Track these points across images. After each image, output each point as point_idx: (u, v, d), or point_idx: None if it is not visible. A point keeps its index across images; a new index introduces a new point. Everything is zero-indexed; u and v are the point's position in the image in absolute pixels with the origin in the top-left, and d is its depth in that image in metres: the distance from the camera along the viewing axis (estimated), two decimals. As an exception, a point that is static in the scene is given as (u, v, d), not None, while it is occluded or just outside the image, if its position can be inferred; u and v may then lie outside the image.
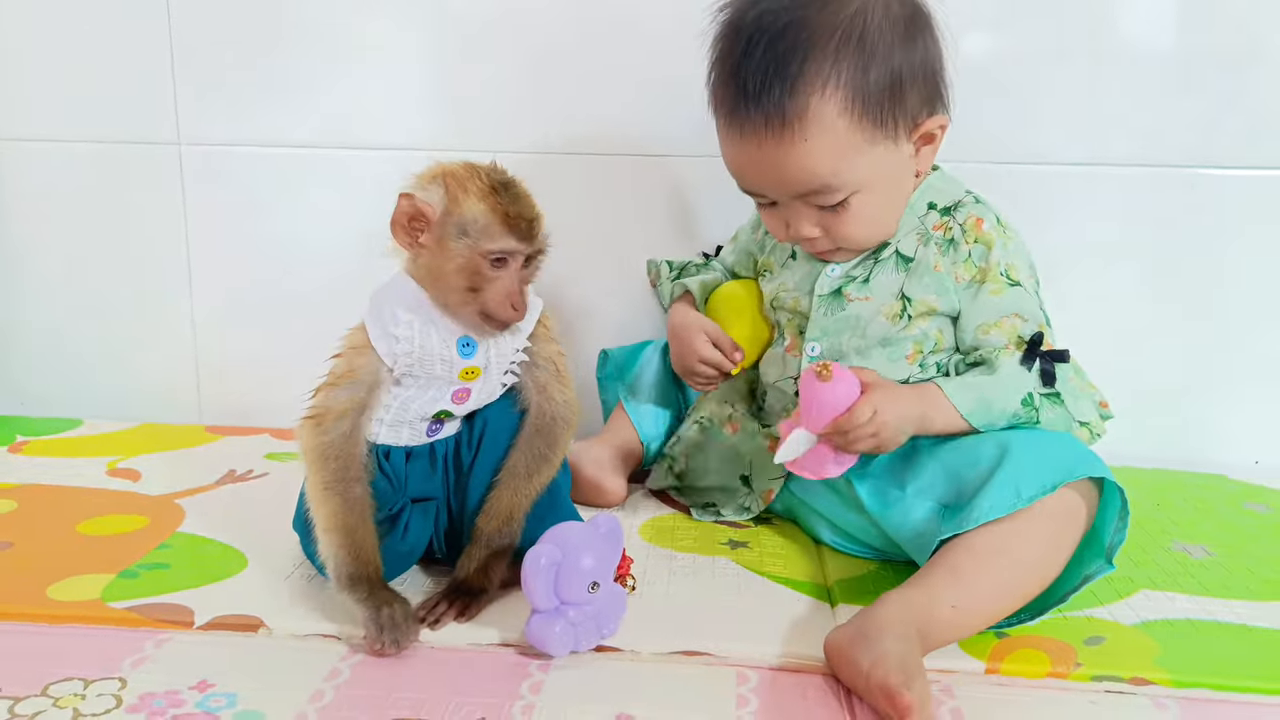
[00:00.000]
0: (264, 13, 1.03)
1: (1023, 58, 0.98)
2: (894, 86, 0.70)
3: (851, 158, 0.71)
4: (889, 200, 0.76)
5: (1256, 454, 1.02)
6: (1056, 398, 0.71)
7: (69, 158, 1.09)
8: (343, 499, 0.64)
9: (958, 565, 0.63)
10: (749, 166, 0.74)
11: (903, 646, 0.57)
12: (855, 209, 0.73)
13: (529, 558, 0.61)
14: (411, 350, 0.65)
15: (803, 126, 0.69)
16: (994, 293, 0.74)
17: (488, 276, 0.64)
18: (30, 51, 1.07)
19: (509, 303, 0.65)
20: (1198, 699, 0.59)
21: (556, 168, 1.03)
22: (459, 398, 0.68)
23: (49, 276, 1.12)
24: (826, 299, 0.79)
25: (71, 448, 1.01)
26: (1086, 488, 0.66)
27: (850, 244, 0.77)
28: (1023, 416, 0.71)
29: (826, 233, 0.75)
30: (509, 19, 1.01)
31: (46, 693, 0.57)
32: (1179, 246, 1.00)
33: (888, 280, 0.77)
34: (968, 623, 0.62)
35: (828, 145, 0.70)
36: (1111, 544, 0.66)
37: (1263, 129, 0.97)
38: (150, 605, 0.67)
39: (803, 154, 0.70)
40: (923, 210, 0.78)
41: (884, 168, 0.73)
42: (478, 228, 0.64)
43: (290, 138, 1.06)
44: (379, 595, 0.63)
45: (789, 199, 0.74)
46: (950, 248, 0.76)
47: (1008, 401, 0.71)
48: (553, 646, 0.61)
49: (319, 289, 1.06)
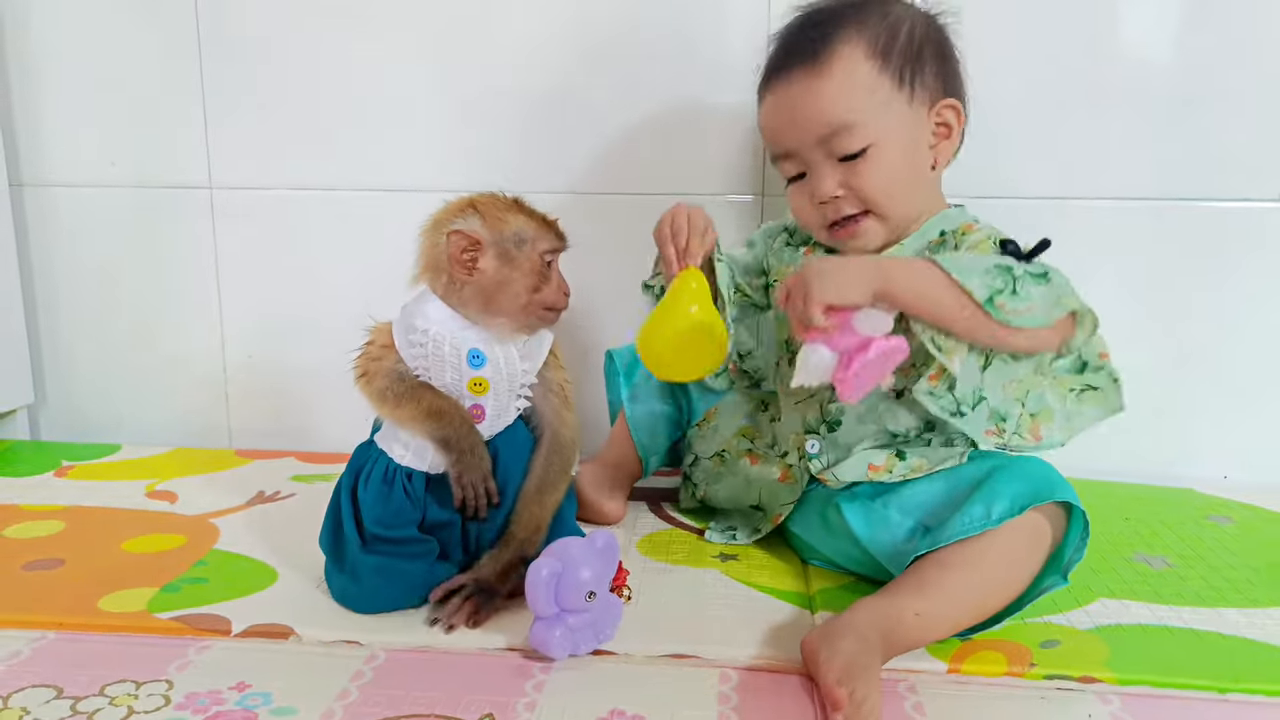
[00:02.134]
0: (289, 65, 1.11)
1: (996, 99, 1.04)
2: (916, 53, 0.79)
3: (872, 101, 0.77)
4: (907, 170, 0.80)
5: (1226, 469, 1.08)
6: (1042, 277, 0.69)
7: (109, 201, 1.17)
8: (414, 401, 0.73)
9: (925, 577, 0.68)
10: (782, 114, 0.81)
11: (857, 647, 0.62)
12: (873, 161, 0.78)
13: (532, 569, 0.67)
14: (425, 355, 0.73)
15: (829, 63, 0.78)
16: (980, 251, 0.75)
17: (546, 275, 0.75)
18: (72, 102, 1.15)
19: (563, 292, 0.76)
20: (1141, 695, 0.65)
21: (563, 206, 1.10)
22: (475, 417, 0.75)
23: (90, 312, 1.20)
24: None
25: (112, 472, 1.08)
26: (1054, 511, 0.71)
27: (873, 202, 0.79)
28: (1001, 280, 0.67)
29: (848, 189, 0.79)
30: (518, 70, 1.09)
31: (103, 693, 0.63)
32: (1146, 274, 1.06)
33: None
34: (931, 629, 0.67)
35: (853, 83, 0.77)
36: (1070, 561, 0.72)
37: (1223, 164, 1.02)
38: (192, 615, 0.73)
39: (827, 86, 0.78)
40: (934, 236, 0.82)
41: (902, 129, 0.79)
42: (531, 235, 0.75)
43: (314, 181, 1.14)
44: (465, 459, 0.73)
45: (815, 150, 0.79)
46: (941, 249, 0.80)
47: (979, 260, 0.69)
48: (553, 650, 0.67)
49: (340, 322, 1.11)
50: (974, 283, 0.67)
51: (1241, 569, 0.84)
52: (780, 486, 0.86)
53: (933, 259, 0.68)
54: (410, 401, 0.74)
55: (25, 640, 0.70)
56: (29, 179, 1.18)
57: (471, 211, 0.74)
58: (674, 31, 1.05)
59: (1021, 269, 0.68)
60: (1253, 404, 1.06)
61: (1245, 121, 1.01)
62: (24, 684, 0.64)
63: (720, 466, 0.93)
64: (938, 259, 0.68)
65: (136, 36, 1.13)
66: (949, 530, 0.69)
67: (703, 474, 0.95)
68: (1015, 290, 0.67)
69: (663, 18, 1.06)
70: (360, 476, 0.76)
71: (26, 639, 0.70)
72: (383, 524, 0.74)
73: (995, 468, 0.73)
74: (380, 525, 0.74)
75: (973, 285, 0.66)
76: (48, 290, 1.20)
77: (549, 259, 0.76)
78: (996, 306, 0.67)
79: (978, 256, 0.71)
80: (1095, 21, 1.02)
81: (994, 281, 0.67)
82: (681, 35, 1.05)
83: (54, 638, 0.71)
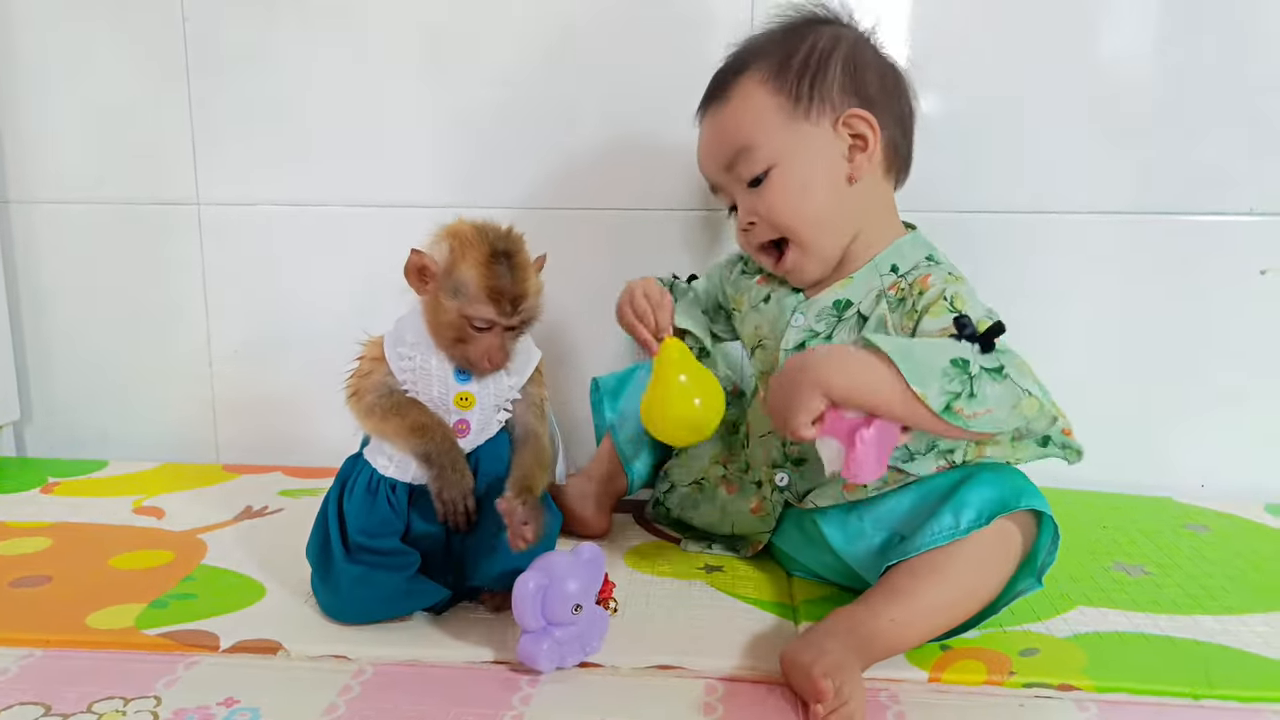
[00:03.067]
0: (277, 82, 1.12)
1: (973, 113, 1.06)
2: (817, 67, 0.80)
3: (767, 123, 0.80)
4: (812, 187, 0.80)
5: (1203, 478, 1.09)
6: (998, 372, 0.66)
7: (96, 217, 1.17)
8: (400, 416, 0.74)
9: (898, 585, 0.70)
10: (700, 148, 0.86)
11: (841, 649, 0.64)
12: (776, 182, 0.80)
13: (519, 583, 0.68)
14: (414, 368, 0.74)
15: (729, 95, 0.82)
16: (933, 315, 0.74)
17: (472, 335, 0.72)
18: (58, 119, 1.16)
19: (485, 359, 0.72)
20: (1117, 702, 0.66)
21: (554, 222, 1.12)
22: (460, 431, 0.76)
23: (77, 328, 1.20)
24: (792, 352, 0.83)
25: (100, 488, 1.09)
26: (1024, 518, 0.71)
27: (782, 226, 0.80)
28: (957, 382, 0.65)
29: (758, 215, 0.82)
30: (506, 87, 1.10)
31: (91, 710, 0.63)
32: (1123, 286, 1.07)
33: (847, 337, 0.81)
34: (906, 636, 0.68)
35: (747, 108, 0.81)
36: (1043, 565, 0.73)
37: (1198, 178, 1.04)
38: (180, 631, 0.73)
39: (727, 117, 0.82)
40: (885, 270, 0.81)
41: (802, 146, 0.79)
42: (467, 293, 0.71)
43: (301, 197, 1.14)
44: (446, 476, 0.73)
45: (724, 177, 0.83)
46: (900, 305, 0.78)
47: (936, 355, 0.66)
48: (540, 663, 0.68)
49: (328, 338, 1.12)
50: (931, 390, 0.65)
51: (1217, 577, 0.86)
52: (753, 519, 0.87)
53: (889, 355, 0.65)
54: (395, 416, 0.74)
55: (13, 658, 0.70)
56: (15, 196, 1.18)
57: (449, 240, 0.73)
58: (662, 47, 1.07)
59: (978, 365, 0.66)
60: (1229, 414, 1.08)
61: (1219, 136, 1.03)
62: (11, 702, 0.64)
63: (698, 494, 0.94)
64: (894, 357, 0.65)
65: (124, 53, 1.13)
66: (918, 540, 0.70)
67: (678, 499, 0.95)
68: (973, 392, 0.65)
69: (650, 33, 1.07)
70: (346, 487, 0.77)
71: (14, 656, 0.70)
72: (366, 533, 0.74)
73: (965, 476, 0.73)
74: (363, 535, 0.74)
75: (929, 393, 0.64)
76: (34, 306, 1.21)
77: (479, 324, 0.72)
78: (954, 413, 0.65)
79: (932, 347, 0.68)
80: (1072, 37, 1.04)
81: (950, 385, 0.65)
82: (669, 50, 1.06)
83: (41, 655, 0.71)
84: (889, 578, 0.71)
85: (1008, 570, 0.71)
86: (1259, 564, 0.89)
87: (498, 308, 0.71)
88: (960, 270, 0.81)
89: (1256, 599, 0.81)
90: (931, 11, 1.05)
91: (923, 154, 0.92)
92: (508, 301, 0.71)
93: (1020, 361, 0.69)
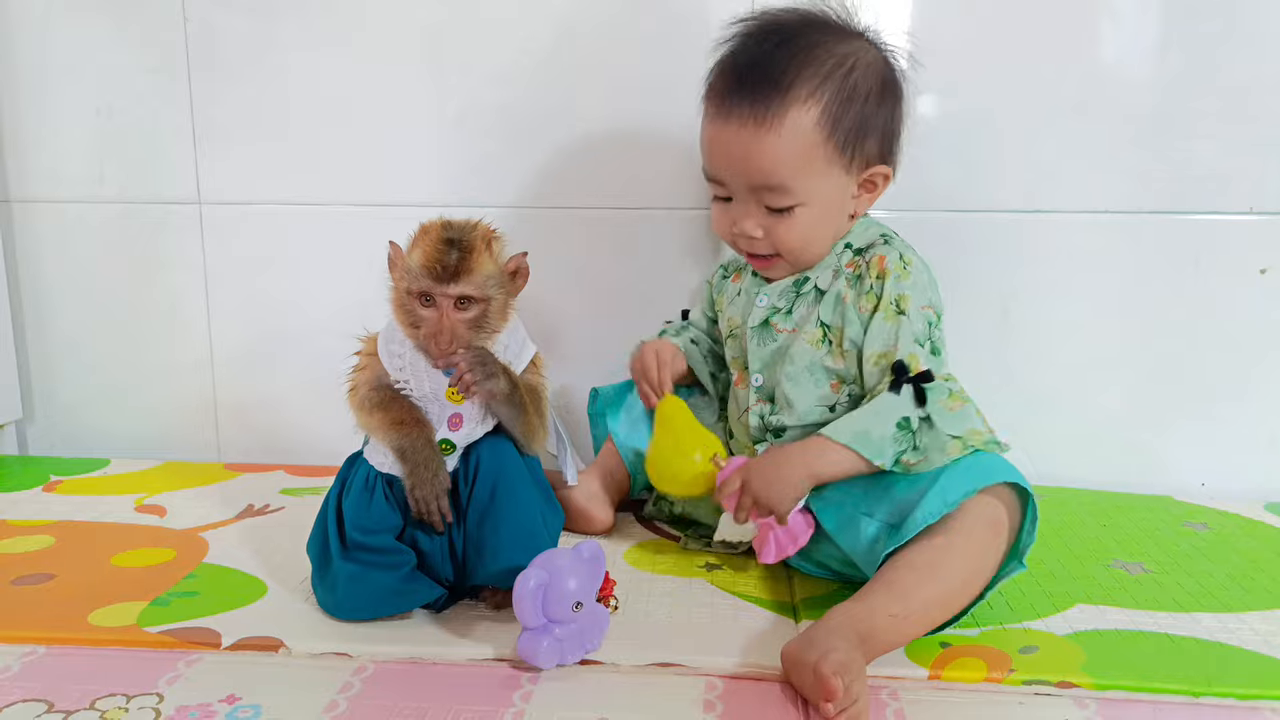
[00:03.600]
0: (278, 81, 1.12)
1: (973, 114, 1.06)
2: (862, 126, 0.81)
3: (810, 169, 0.80)
4: (825, 226, 0.85)
5: (1203, 477, 1.09)
6: (928, 422, 0.76)
7: (97, 216, 1.18)
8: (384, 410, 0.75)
9: (894, 579, 0.70)
10: (724, 149, 0.83)
11: (845, 646, 0.64)
12: (798, 219, 0.82)
13: (520, 580, 0.68)
14: (404, 365, 0.75)
15: (780, 123, 0.79)
16: (885, 319, 0.81)
17: (420, 315, 0.74)
18: (60, 118, 1.16)
19: (434, 338, 0.74)
20: (1116, 699, 0.66)
21: (551, 221, 1.12)
22: (454, 425, 0.76)
23: (78, 327, 1.21)
24: (758, 330, 0.88)
25: (101, 486, 1.09)
26: (1009, 498, 0.73)
27: (786, 253, 0.85)
28: (903, 441, 0.76)
29: (768, 235, 0.84)
30: (507, 86, 1.10)
31: (94, 707, 0.64)
32: (1121, 285, 1.07)
33: (807, 310, 0.86)
34: (905, 629, 0.69)
35: (796, 148, 0.80)
36: (1024, 545, 0.74)
37: (1196, 177, 1.04)
38: (182, 629, 0.74)
39: (772, 147, 0.79)
40: (840, 249, 0.86)
41: (831, 193, 0.83)
42: (411, 272, 0.74)
43: (302, 196, 1.15)
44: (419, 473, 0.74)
45: (745, 191, 0.83)
46: (857, 281, 0.84)
47: (884, 426, 0.76)
48: (540, 660, 0.68)
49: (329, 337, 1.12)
50: (886, 458, 0.75)
51: (1217, 575, 0.86)
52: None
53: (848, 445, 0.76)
54: (380, 410, 0.76)
55: (15, 655, 0.70)
56: (16, 195, 1.18)
57: (419, 233, 0.76)
58: (662, 46, 1.07)
59: (916, 418, 0.76)
60: (1228, 413, 1.08)
61: (1218, 135, 1.03)
62: (14, 699, 0.64)
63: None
64: (855, 447, 0.75)
65: (126, 51, 1.13)
66: (911, 524, 0.71)
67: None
68: (915, 445, 0.76)
69: (650, 32, 1.07)
70: (345, 484, 0.78)
71: (16, 654, 0.71)
72: (361, 529, 0.75)
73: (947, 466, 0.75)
74: (359, 530, 0.75)
75: (885, 460, 0.75)
76: (36, 305, 1.21)
77: (422, 299, 0.74)
78: (901, 464, 0.76)
79: (878, 416, 0.76)
80: (1071, 38, 1.04)
81: (898, 446, 0.76)
82: (669, 49, 1.06)
83: (44, 652, 0.71)
84: (884, 572, 0.71)
85: (998, 553, 0.72)
86: (1259, 562, 0.89)
87: (431, 275, 0.73)
88: (910, 250, 0.85)
89: (1256, 597, 0.81)
90: (930, 11, 1.05)
91: (922, 154, 0.93)
92: (442, 269, 0.73)
93: (947, 400, 0.77)
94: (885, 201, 0.89)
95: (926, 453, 0.75)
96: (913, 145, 1.04)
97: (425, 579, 0.76)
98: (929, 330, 0.81)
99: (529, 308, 1.11)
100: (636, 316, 1.09)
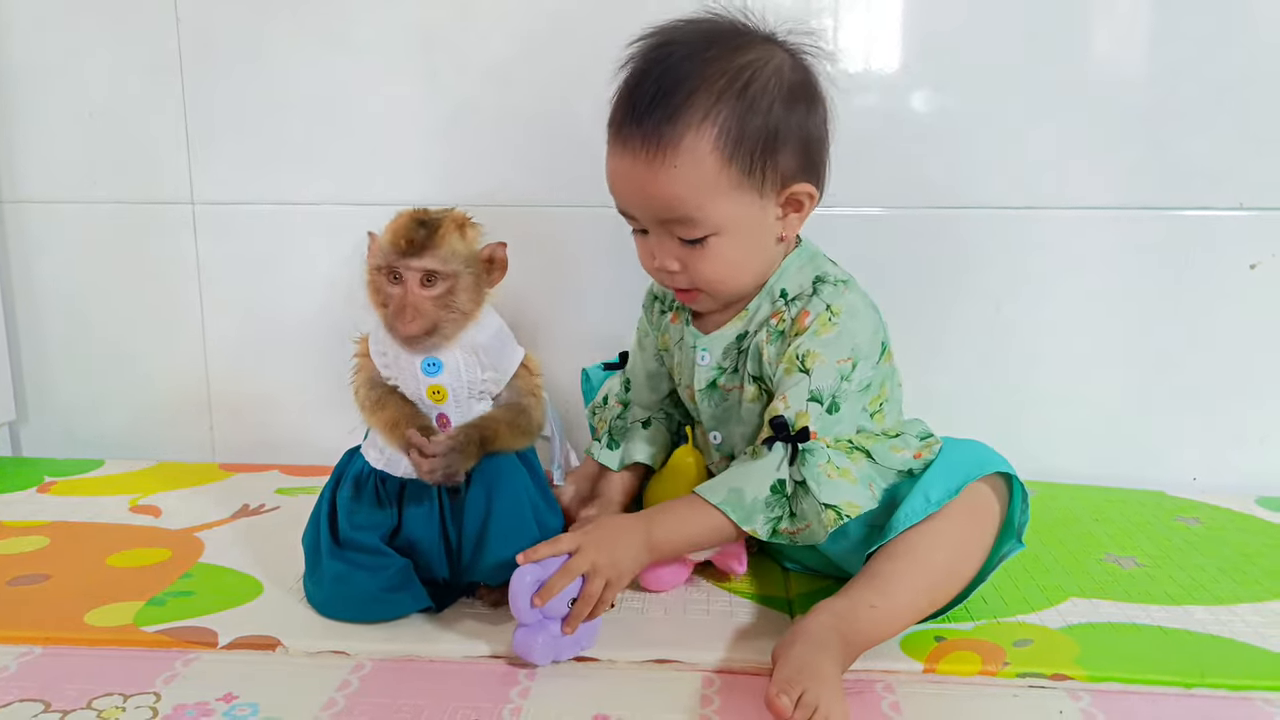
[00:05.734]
0: (271, 81, 1.12)
1: (963, 110, 1.07)
2: (769, 140, 0.74)
3: (715, 196, 0.74)
4: (748, 254, 0.78)
5: (1194, 471, 1.10)
6: (802, 486, 0.72)
7: (90, 217, 1.17)
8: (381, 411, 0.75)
9: (876, 570, 0.70)
10: (623, 183, 0.77)
11: (808, 651, 0.63)
12: (713, 250, 0.76)
13: (516, 576, 0.68)
14: (389, 364, 0.76)
15: (675, 153, 0.73)
16: (786, 373, 0.76)
17: (387, 292, 0.73)
18: (53, 118, 1.16)
19: (398, 311, 0.72)
20: (1109, 691, 0.66)
21: (548, 219, 1.12)
22: (442, 424, 0.76)
23: (72, 327, 1.20)
24: (705, 392, 0.84)
25: (96, 487, 1.09)
26: (995, 483, 0.73)
27: (706, 286, 0.79)
28: (776, 507, 0.73)
29: (685, 269, 0.78)
30: (499, 84, 1.10)
31: (91, 706, 0.64)
32: (1112, 281, 1.08)
33: (751, 368, 0.81)
34: (889, 620, 0.68)
35: (694, 177, 0.73)
36: (1020, 524, 0.74)
37: (1187, 173, 1.05)
38: (178, 628, 0.74)
39: (670, 180, 0.73)
40: (776, 295, 0.80)
41: (746, 218, 0.76)
42: (377, 253, 0.74)
43: (296, 196, 1.15)
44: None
45: (655, 224, 0.77)
46: (779, 338, 0.79)
47: (758, 488, 0.73)
48: (536, 656, 0.68)
49: (322, 336, 1.14)
50: (757, 523, 0.73)
51: (1208, 568, 0.86)
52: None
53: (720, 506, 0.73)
54: (379, 410, 0.76)
55: (11, 655, 0.70)
56: (8, 195, 1.18)
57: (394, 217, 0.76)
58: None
59: (792, 481, 0.73)
60: (1219, 408, 1.09)
61: (1209, 131, 1.04)
62: (10, 699, 0.64)
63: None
64: (725, 509, 0.73)
65: (118, 51, 1.13)
66: (894, 523, 0.71)
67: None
68: (792, 512, 0.73)
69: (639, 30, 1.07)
70: (340, 480, 0.78)
71: (12, 654, 0.71)
72: (352, 524, 0.75)
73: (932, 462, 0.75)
74: (350, 525, 0.75)
75: (757, 528, 0.73)
76: (29, 306, 1.21)
77: (389, 275, 0.73)
78: (780, 534, 0.74)
79: (755, 477, 0.73)
80: (1061, 34, 1.04)
81: (772, 513, 0.73)
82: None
83: (40, 652, 0.71)
84: (868, 566, 0.71)
85: (988, 536, 0.72)
86: (1250, 556, 0.89)
87: (395, 249, 0.72)
88: (841, 296, 0.78)
89: (1247, 590, 0.82)
90: (924, 8, 1.05)
91: (915, 151, 0.93)
92: (407, 244, 0.72)
93: (826, 466, 0.72)
94: (877, 198, 0.88)
95: (807, 518, 0.72)
96: (906, 141, 1.05)
97: (411, 589, 0.75)
98: (838, 384, 0.75)
99: (523, 304, 1.12)
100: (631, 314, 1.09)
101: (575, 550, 0.70)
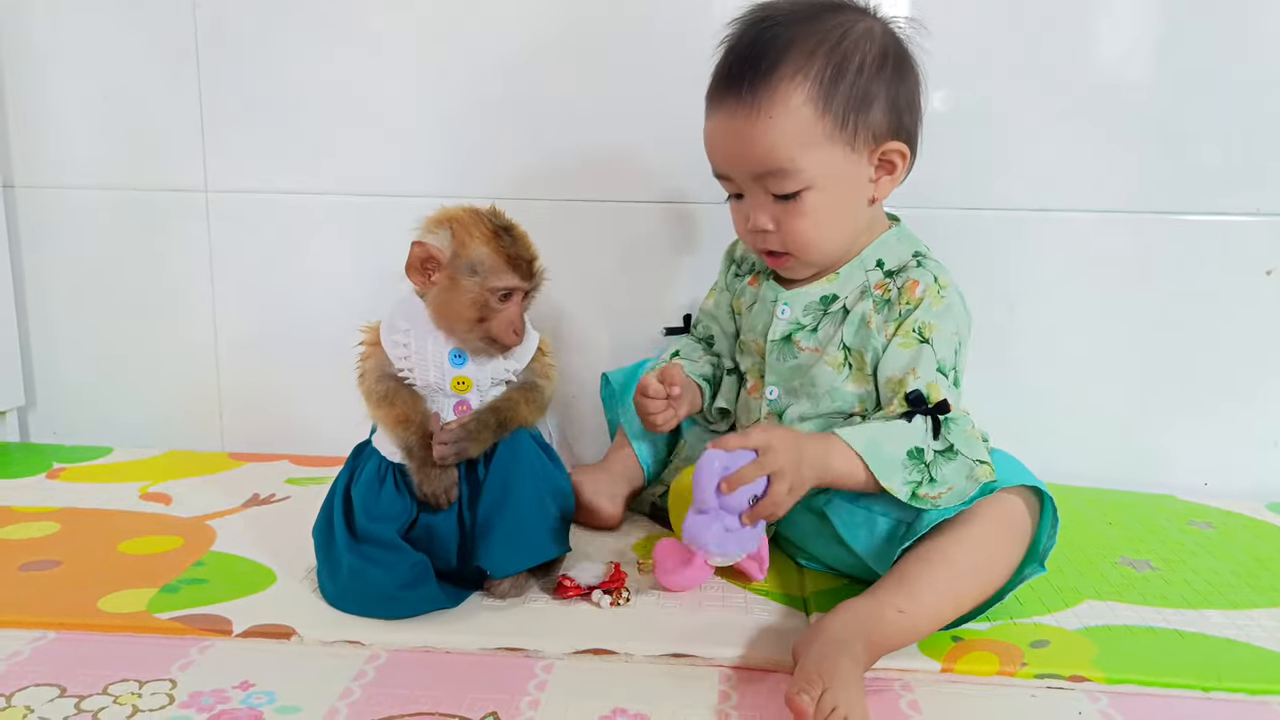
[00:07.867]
0: (286, 70, 1.12)
1: (978, 112, 1.07)
2: (862, 96, 0.77)
3: (809, 147, 0.76)
4: (840, 211, 0.80)
5: (1206, 476, 1.10)
6: (950, 452, 0.74)
7: (103, 203, 1.17)
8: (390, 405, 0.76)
9: (905, 573, 0.70)
10: (721, 139, 0.80)
11: (830, 650, 0.62)
12: (807, 205, 0.78)
13: (704, 460, 0.68)
14: (409, 355, 0.75)
15: (770, 104, 0.76)
16: (902, 345, 0.78)
17: (495, 309, 0.74)
18: (67, 104, 1.15)
19: (511, 329, 0.75)
20: (1127, 693, 0.66)
21: (556, 213, 1.12)
22: (460, 412, 0.76)
23: (82, 314, 1.20)
24: (778, 344, 0.85)
25: (105, 474, 1.08)
26: (1027, 499, 0.73)
27: (797, 249, 0.80)
28: (912, 470, 0.73)
29: (779, 227, 0.80)
30: (508, 78, 1.09)
31: (106, 692, 0.63)
32: (1126, 285, 1.08)
33: (832, 331, 0.82)
34: (914, 626, 0.68)
35: (789, 127, 0.76)
36: (1045, 549, 0.74)
37: (1200, 178, 1.05)
38: (192, 616, 0.73)
39: (766, 130, 0.76)
40: (871, 266, 0.83)
41: (839, 172, 0.78)
42: (485, 268, 0.74)
43: (308, 186, 1.14)
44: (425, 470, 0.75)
45: (749, 181, 0.79)
46: (885, 307, 0.80)
47: (896, 447, 0.73)
48: (709, 543, 0.68)
49: (333, 325, 1.12)
50: (895, 481, 0.73)
51: (1223, 573, 0.86)
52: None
53: (860, 453, 0.73)
54: (387, 404, 0.76)
55: (25, 640, 0.70)
56: (22, 181, 1.17)
57: (447, 226, 0.75)
58: (662, 38, 1.06)
59: (932, 450, 0.74)
60: (1232, 413, 1.09)
61: (1224, 136, 1.04)
62: (26, 683, 0.64)
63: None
64: (865, 457, 0.72)
65: (133, 39, 1.13)
66: (925, 519, 0.71)
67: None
68: (932, 478, 0.73)
69: (652, 26, 1.07)
70: (355, 474, 0.78)
71: (26, 639, 0.70)
72: (370, 516, 0.75)
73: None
74: (368, 518, 0.75)
75: (894, 485, 0.72)
76: (39, 292, 1.20)
77: (502, 295, 0.75)
78: (920, 498, 0.73)
79: (892, 436, 0.74)
80: (1076, 37, 1.04)
81: (911, 475, 0.73)
82: (671, 42, 1.06)
83: (54, 638, 0.71)
84: (898, 567, 0.71)
85: (1016, 553, 0.72)
86: (1264, 560, 0.89)
87: (519, 272, 0.75)
88: (945, 272, 0.82)
89: (1262, 594, 0.82)
90: (934, 9, 1.05)
91: (926, 152, 0.92)
92: (525, 264, 0.75)
93: (966, 429, 0.75)
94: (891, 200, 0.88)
95: (949, 482, 0.73)
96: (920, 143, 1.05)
97: (425, 586, 0.75)
98: (955, 358, 0.78)
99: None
100: (638, 309, 1.09)
101: (764, 448, 0.70)
